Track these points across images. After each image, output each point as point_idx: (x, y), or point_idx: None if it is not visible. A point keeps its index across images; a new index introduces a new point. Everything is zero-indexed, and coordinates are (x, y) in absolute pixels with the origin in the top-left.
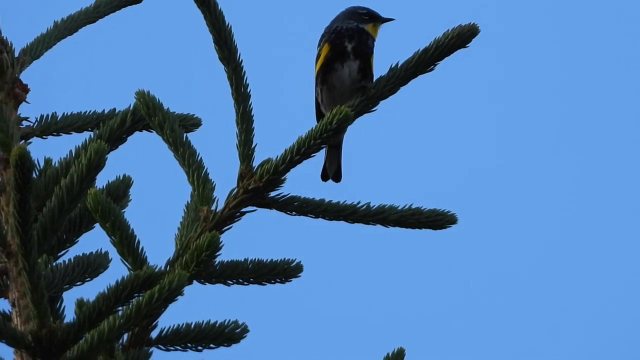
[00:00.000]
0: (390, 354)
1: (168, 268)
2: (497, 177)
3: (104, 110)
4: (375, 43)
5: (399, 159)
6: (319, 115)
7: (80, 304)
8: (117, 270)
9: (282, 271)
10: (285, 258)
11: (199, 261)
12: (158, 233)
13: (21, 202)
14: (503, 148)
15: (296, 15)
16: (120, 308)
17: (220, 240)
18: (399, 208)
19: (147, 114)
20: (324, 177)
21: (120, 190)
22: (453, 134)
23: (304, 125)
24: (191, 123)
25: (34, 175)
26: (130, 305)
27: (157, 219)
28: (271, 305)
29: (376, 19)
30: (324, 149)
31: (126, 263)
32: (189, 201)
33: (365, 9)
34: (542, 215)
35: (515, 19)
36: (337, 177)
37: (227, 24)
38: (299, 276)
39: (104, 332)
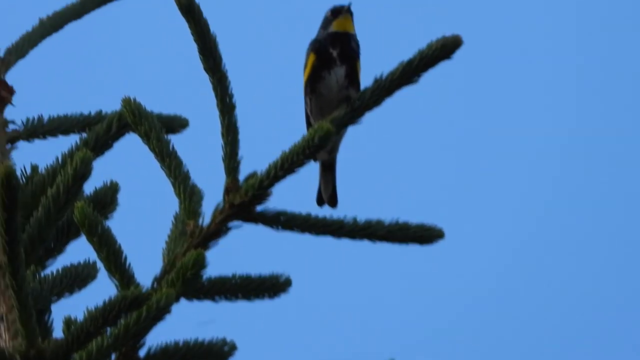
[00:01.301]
0: None
1: (155, 285)
2: (483, 184)
3: (90, 112)
4: (359, 43)
5: (388, 172)
6: (309, 125)
7: (68, 322)
8: (106, 281)
9: (271, 286)
10: (273, 273)
11: (185, 279)
12: (146, 240)
13: (8, 221)
14: (483, 158)
15: (283, 22)
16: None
17: (206, 258)
18: (386, 223)
19: (132, 122)
20: (320, 201)
21: (108, 196)
22: (440, 144)
23: (294, 133)
24: (178, 124)
25: (20, 182)
26: (118, 325)
27: (145, 225)
28: (259, 320)
29: (339, 12)
30: (319, 170)
31: (113, 280)
32: (177, 211)
33: (331, 7)
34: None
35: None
36: (332, 202)
37: (212, 33)
38: (288, 291)
39: (92, 353)
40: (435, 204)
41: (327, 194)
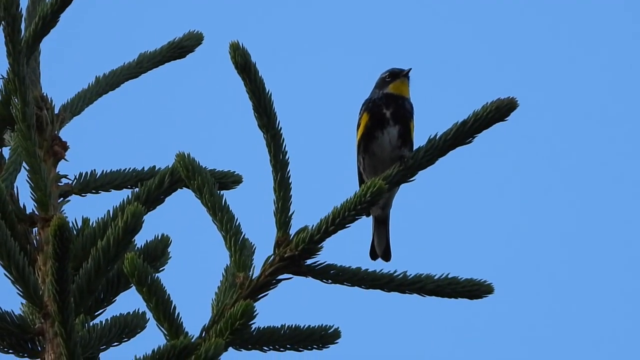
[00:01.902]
0: None
1: (204, 335)
2: (532, 245)
3: (143, 168)
4: (413, 105)
5: (441, 230)
6: (362, 182)
7: None
8: (154, 331)
9: (319, 337)
10: (322, 324)
11: (234, 329)
12: (196, 292)
13: (59, 271)
14: (536, 216)
15: (336, 78)
16: None
17: (255, 309)
18: (436, 277)
19: (186, 177)
20: (373, 255)
21: (159, 250)
22: (493, 202)
23: (345, 191)
24: (232, 180)
25: (72, 234)
26: None
27: (195, 279)
28: None
29: (397, 75)
30: (372, 225)
31: (162, 328)
32: (227, 264)
33: (388, 70)
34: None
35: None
36: (386, 256)
37: (267, 91)
38: (337, 342)
39: None
40: (487, 260)
41: (381, 249)
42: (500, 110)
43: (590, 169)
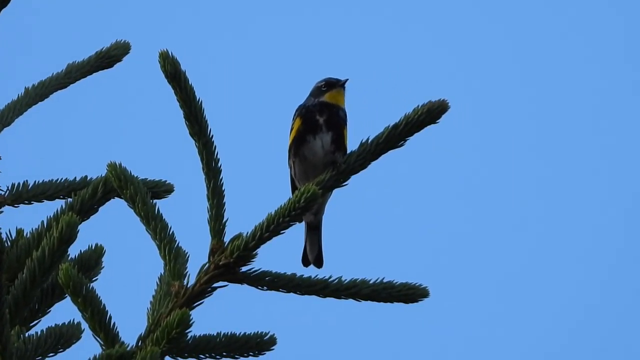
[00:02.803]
0: None
1: (140, 344)
2: (469, 245)
3: (75, 177)
4: (346, 112)
5: (374, 234)
6: (294, 188)
7: None
8: (90, 341)
9: (256, 344)
10: (258, 331)
11: (170, 338)
12: (130, 303)
13: None
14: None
15: (268, 85)
16: None
17: (191, 318)
18: (371, 282)
19: (118, 187)
20: (305, 262)
21: (92, 260)
22: (425, 205)
23: (278, 197)
24: (164, 190)
25: (5, 248)
26: None
27: (130, 288)
28: None
29: (334, 85)
30: (304, 231)
31: (98, 338)
32: (162, 273)
33: (324, 79)
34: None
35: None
36: (318, 262)
37: (197, 99)
38: (273, 349)
39: None
40: (422, 263)
41: (313, 255)
42: (432, 113)
43: (522, 167)
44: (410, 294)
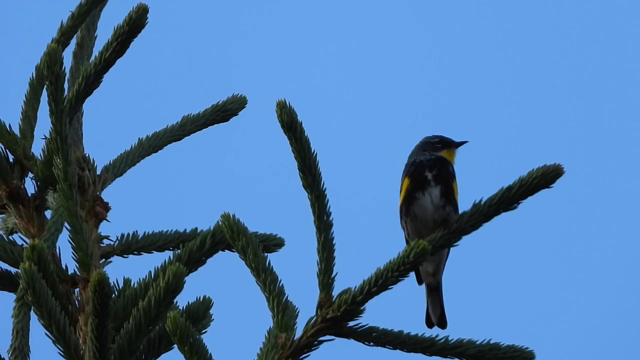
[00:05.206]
0: None
1: None
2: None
3: (185, 229)
4: (454, 168)
5: (491, 294)
6: None
7: None
8: None
9: None
10: None
11: None
12: (237, 355)
13: (99, 327)
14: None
15: (378, 141)
16: None
17: None
18: (477, 342)
19: (230, 238)
20: (429, 323)
21: (200, 311)
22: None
23: (389, 252)
24: (274, 243)
25: (113, 296)
26: None
27: (237, 340)
28: None
29: (449, 145)
30: (425, 293)
31: None
32: (271, 326)
33: (438, 137)
34: None
35: None
36: (442, 323)
37: (312, 151)
38: None
39: None
40: (535, 324)
41: (436, 316)
42: (546, 177)
43: None
44: (516, 356)
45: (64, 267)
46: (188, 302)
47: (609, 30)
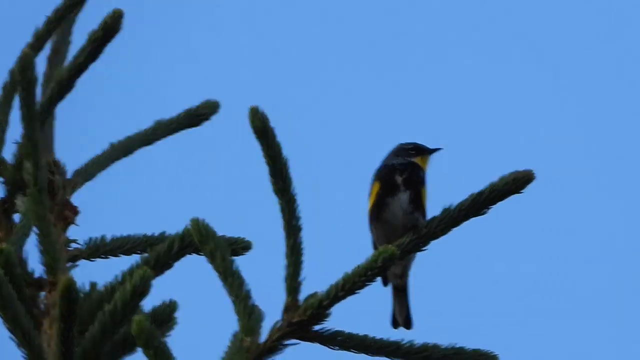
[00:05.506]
0: None
1: None
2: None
3: (153, 233)
4: (426, 175)
5: (455, 297)
6: None
7: None
8: None
9: None
10: None
11: None
12: (201, 357)
13: (65, 332)
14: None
15: (348, 143)
16: None
17: None
18: (443, 347)
19: (199, 241)
20: (395, 324)
21: (166, 314)
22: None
23: (357, 256)
24: (241, 247)
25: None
26: None
27: (203, 343)
28: None
29: (423, 152)
30: (392, 294)
31: None
32: (236, 330)
33: (411, 143)
34: None
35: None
36: (407, 324)
37: (284, 157)
38: None
39: None
40: (501, 327)
41: (402, 317)
42: (517, 182)
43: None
44: None
45: (30, 270)
46: (153, 306)
47: (609, 30)
